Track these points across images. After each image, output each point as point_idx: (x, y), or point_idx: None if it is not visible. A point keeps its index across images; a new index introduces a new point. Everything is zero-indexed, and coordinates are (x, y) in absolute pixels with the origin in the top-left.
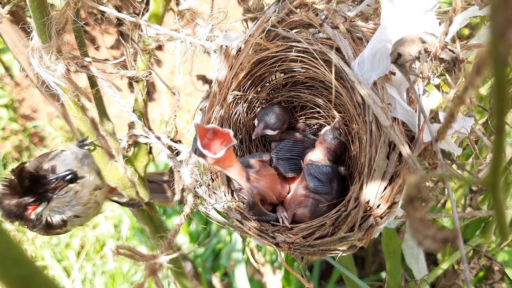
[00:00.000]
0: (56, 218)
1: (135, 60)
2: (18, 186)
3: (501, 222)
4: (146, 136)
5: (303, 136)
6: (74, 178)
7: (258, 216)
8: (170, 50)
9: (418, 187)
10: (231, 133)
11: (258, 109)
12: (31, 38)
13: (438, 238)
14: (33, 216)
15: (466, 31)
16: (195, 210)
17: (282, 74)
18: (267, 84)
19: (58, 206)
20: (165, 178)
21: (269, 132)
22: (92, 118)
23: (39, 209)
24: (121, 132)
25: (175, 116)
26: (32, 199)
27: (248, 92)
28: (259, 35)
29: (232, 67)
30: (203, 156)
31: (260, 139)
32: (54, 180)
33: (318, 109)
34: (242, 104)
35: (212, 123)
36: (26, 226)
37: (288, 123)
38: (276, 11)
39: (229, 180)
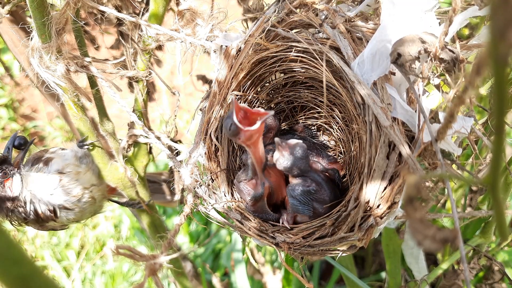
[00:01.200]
0: (42, 208)
1: (135, 60)
2: None
3: (501, 222)
4: (146, 136)
5: (302, 138)
6: (23, 142)
7: (259, 213)
8: (170, 50)
9: (418, 187)
10: (262, 110)
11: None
12: (31, 38)
13: (438, 238)
14: (15, 192)
15: (466, 31)
16: (195, 210)
17: (282, 74)
18: (267, 84)
19: (42, 196)
20: (166, 178)
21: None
22: (92, 118)
23: (15, 183)
24: (121, 132)
25: (175, 116)
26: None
27: (248, 92)
28: (259, 35)
29: (232, 67)
30: (237, 132)
31: None
32: (6, 151)
33: (318, 109)
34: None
35: (212, 123)
36: (19, 221)
37: (275, 131)
38: (276, 11)
39: (229, 180)
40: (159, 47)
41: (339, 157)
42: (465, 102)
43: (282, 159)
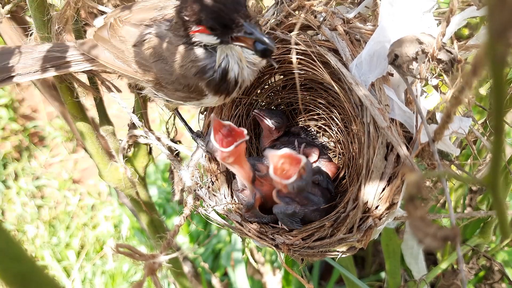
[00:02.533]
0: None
1: None
2: None
3: (502, 219)
4: (146, 137)
5: (301, 139)
6: (267, 51)
7: (253, 218)
8: None
9: (418, 185)
10: (245, 131)
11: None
12: (30, 37)
13: (439, 236)
14: (197, 38)
15: (466, 32)
16: (195, 212)
17: (282, 76)
18: (267, 86)
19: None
20: None
21: (267, 120)
22: (92, 118)
23: (205, 37)
24: (121, 132)
25: (175, 116)
26: (207, 22)
27: (248, 94)
28: None
29: None
30: (214, 150)
31: (258, 144)
32: (247, 32)
33: (318, 111)
34: (242, 107)
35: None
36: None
37: (283, 130)
38: (275, 13)
39: (229, 182)
40: None
41: (338, 158)
42: (463, 103)
43: (299, 181)
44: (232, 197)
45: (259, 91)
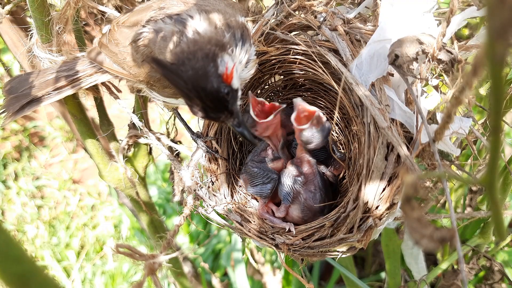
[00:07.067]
0: None
1: None
2: None
3: (498, 221)
4: (146, 137)
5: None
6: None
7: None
8: None
9: (415, 186)
10: (277, 103)
11: None
12: (31, 38)
13: (435, 238)
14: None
15: (466, 32)
16: (195, 212)
17: (282, 77)
18: (267, 86)
19: None
20: None
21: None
22: (92, 119)
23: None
24: (121, 132)
25: (175, 116)
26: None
27: (247, 94)
28: (258, 39)
29: None
30: (254, 124)
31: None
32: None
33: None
34: (242, 107)
35: (211, 125)
36: None
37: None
38: (275, 14)
39: (229, 182)
40: None
41: None
42: (463, 103)
43: (309, 132)
44: (232, 197)
45: (259, 91)
